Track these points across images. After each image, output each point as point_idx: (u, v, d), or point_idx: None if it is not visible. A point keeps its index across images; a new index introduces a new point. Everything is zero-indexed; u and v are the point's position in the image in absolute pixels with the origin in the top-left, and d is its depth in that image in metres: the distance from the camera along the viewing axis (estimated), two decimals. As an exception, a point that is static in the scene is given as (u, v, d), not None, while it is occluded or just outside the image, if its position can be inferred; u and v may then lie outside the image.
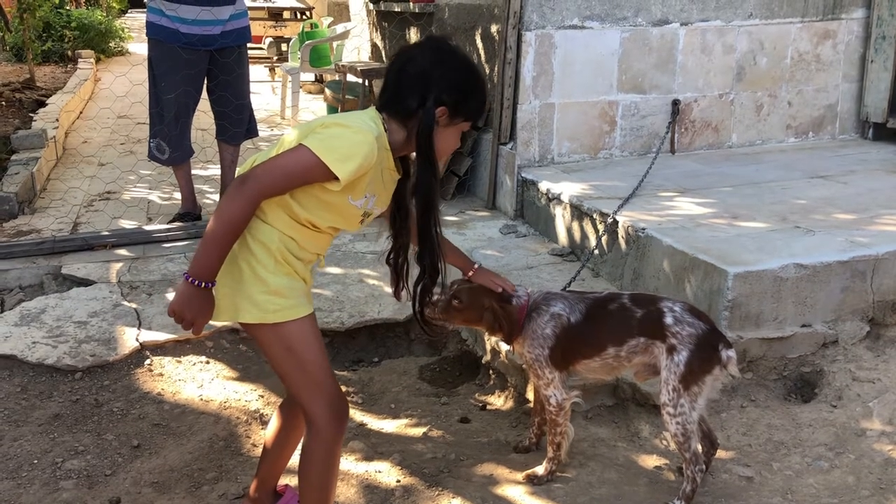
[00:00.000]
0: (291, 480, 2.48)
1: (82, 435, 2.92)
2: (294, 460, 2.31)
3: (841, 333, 3.34)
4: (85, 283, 4.00)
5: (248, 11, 4.90)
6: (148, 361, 3.37)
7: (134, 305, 3.74)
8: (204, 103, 4.81)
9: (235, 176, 2.02)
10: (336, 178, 1.96)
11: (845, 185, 4.46)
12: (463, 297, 2.58)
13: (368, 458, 2.82)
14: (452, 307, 2.58)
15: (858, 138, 5.63)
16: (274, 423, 2.37)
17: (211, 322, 2.06)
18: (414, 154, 2.14)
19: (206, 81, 4.71)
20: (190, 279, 1.95)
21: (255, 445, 2.93)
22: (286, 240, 2.04)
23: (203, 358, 3.43)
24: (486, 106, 2.19)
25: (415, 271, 2.33)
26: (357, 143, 1.98)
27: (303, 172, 1.97)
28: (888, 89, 5.36)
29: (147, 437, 2.94)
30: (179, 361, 3.41)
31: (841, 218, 3.84)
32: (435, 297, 2.53)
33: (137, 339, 3.45)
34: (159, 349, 3.45)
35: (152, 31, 4.51)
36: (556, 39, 4.79)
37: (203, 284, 1.96)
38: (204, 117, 5.20)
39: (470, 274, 2.60)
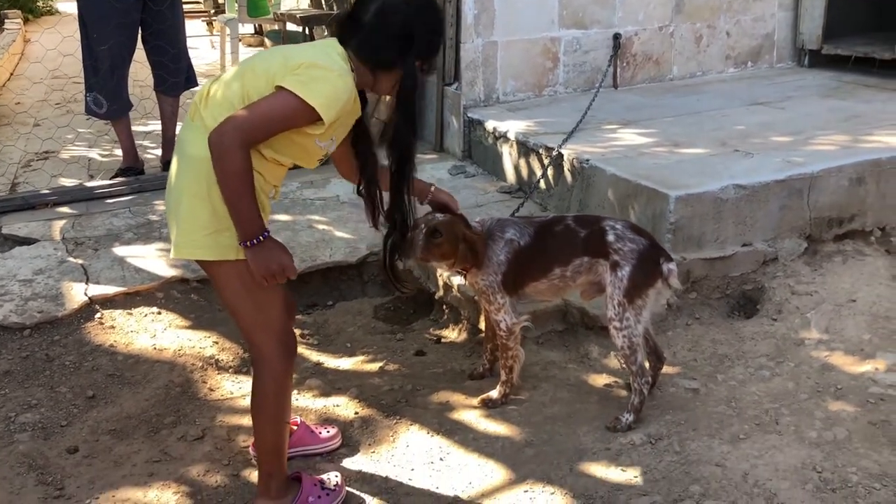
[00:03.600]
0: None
1: (35, 389, 2.89)
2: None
3: (780, 251, 3.45)
4: (27, 241, 3.92)
5: (182, -38, 4.76)
6: (98, 315, 3.34)
7: (80, 261, 3.68)
8: (141, 55, 4.69)
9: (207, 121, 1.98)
10: (320, 121, 1.95)
11: (782, 110, 4.56)
12: (442, 230, 2.51)
13: (326, 394, 2.86)
14: (433, 244, 2.52)
15: (795, 66, 5.74)
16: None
17: (171, 257, 2.07)
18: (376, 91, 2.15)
19: (140, 32, 4.58)
20: (247, 243, 1.94)
21: (211, 390, 2.94)
22: (255, 175, 2.00)
23: (154, 309, 3.40)
24: None
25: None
26: (340, 88, 1.97)
27: (287, 118, 1.95)
28: (822, 17, 5.46)
29: (102, 387, 2.92)
30: (130, 313, 3.38)
31: (778, 141, 3.94)
32: (410, 238, 2.48)
33: (86, 294, 3.41)
34: (109, 302, 3.41)
35: (80, -20, 4.36)
36: (496, -25, 4.76)
37: (260, 238, 1.95)
38: (142, 71, 5.07)
39: (432, 191, 2.55)
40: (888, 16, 5.78)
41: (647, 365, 2.67)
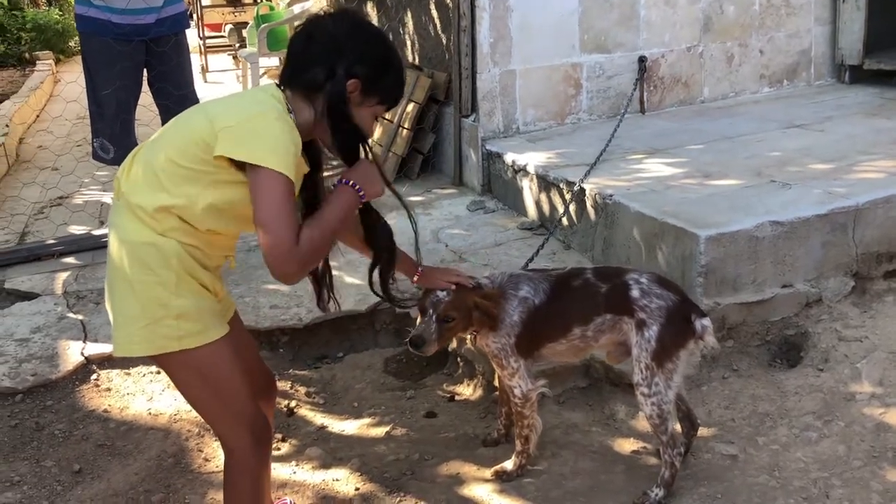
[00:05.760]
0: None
1: (19, 464, 2.72)
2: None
3: (824, 291, 3.15)
4: (29, 296, 3.77)
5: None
6: (94, 376, 3.17)
7: (80, 317, 3.52)
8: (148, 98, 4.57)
9: None
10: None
11: (822, 132, 4.26)
12: (453, 313, 2.29)
13: (326, 465, 2.63)
14: (446, 329, 2.29)
15: (835, 83, 5.42)
16: None
17: (114, 355, 1.87)
18: (324, 142, 1.93)
19: (146, 74, 4.46)
20: (355, 186, 1.87)
21: (206, 460, 2.74)
22: (189, 250, 1.81)
23: (153, 368, 3.22)
24: (403, 90, 2.00)
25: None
26: (284, 132, 1.73)
27: (287, 192, 1.72)
28: (862, 29, 5.14)
29: (90, 460, 2.74)
30: (128, 373, 3.20)
31: (818, 168, 3.64)
32: (421, 330, 2.27)
33: (83, 353, 3.25)
34: (106, 362, 3.24)
35: (82, 24, 4.25)
36: (511, 2, 4.55)
37: (351, 183, 1.88)
38: (148, 113, 4.95)
39: (415, 279, 2.33)
40: (934, 26, 5.44)
41: (679, 431, 2.40)
